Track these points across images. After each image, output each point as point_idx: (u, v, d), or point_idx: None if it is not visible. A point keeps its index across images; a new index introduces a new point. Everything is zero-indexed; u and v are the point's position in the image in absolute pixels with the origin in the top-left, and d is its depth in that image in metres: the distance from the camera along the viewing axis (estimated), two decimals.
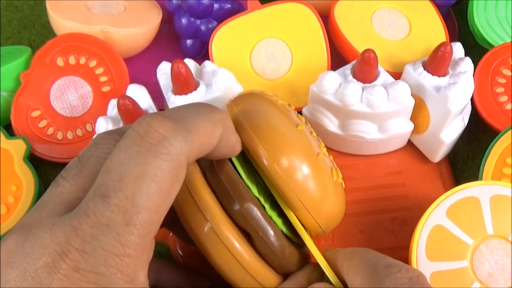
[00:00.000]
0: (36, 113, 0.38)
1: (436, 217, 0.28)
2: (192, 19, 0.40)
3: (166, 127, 0.18)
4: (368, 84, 0.32)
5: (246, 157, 0.25)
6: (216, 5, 0.39)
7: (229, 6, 0.40)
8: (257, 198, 0.24)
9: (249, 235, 0.23)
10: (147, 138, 0.18)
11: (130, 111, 0.31)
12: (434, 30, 0.38)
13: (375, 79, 0.33)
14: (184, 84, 0.32)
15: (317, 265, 0.24)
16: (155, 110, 0.33)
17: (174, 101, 0.32)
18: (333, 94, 0.33)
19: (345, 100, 0.32)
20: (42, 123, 0.38)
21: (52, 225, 0.18)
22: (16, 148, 0.36)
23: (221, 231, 0.22)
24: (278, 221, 0.24)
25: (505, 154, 0.32)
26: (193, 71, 0.33)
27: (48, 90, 0.38)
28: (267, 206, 0.24)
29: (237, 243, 0.22)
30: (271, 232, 0.23)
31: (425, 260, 0.27)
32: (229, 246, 0.22)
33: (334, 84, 0.32)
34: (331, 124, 0.34)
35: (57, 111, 0.38)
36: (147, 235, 0.18)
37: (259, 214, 0.23)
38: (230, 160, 0.24)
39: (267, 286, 0.23)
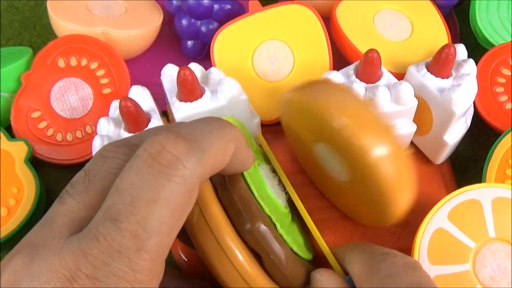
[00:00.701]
0: (36, 114, 0.38)
1: (438, 220, 0.28)
2: (193, 20, 0.40)
3: (179, 148, 0.18)
4: (371, 85, 0.32)
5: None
6: (216, 6, 0.39)
7: (229, 7, 0.40)
8: (269, 217, 0.23)
9: (259, 255, 0.23)
10: (160, 159, 0.18)
11: (132, 113, 0.31)
12: (436, 31, 0.38)
13: (378, 79, 0.33)
14: (190, 91, 0.31)
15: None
16: (157, 113, 0.33)
17: (179, 107, 0.32)
18: None
19: None
20: (42, 124, 0.38)
21: (60, 248, 0.17)
22: (17, 150, 0.36)
23: (230, 250, 0.22)
24: (288, 239, 0.24)
25: (507, 155, 0.32)
26: (198, 75, 0.33)
27: (48, 91, 0.38)
28: (278, 225, 0.23)
29: (246, 263, 0.22)
30: (283, 256, 0.22)
31: (427, 263, 0.27)
32: (237, 266, 0.22)
33: None
34: None
35: (57, 112, 0.38)
36: (158, 259, 0.17)
37: (271, 235, 0.22)
38: (242, 173, 0.24)
39: None
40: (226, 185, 0.23)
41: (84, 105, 0.38)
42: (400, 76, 0.35)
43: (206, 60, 0.41)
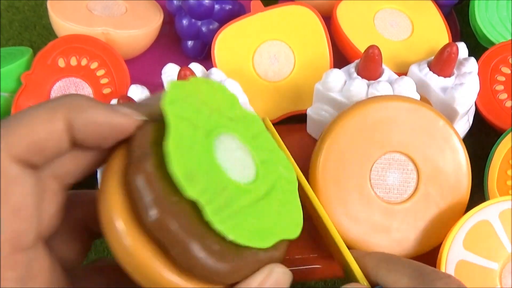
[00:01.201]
0: None
1: (456, 253, 0.28)
2: (193, 20, 0.40)
3: None
4: (373, 81, 0.32)
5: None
6: (217, 6, 0.39)
7: (230, 7, 0.40)
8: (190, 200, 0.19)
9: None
10: None
11: None
12: (437, 30, 0.38)
13: (379, 76, 0.33)
14: None
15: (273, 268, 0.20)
16: None
17: None
18: (339, 91, 0.32)
19: (351, 96, 0.32)
20: None
21: None
22: None
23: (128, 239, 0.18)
24: (222, 226, 0.19)
25: (508, 156, 0.32)
26: (199, 76, 0.33)
27: (48, 91, 0.38)
28: (208, 209, 0.19)
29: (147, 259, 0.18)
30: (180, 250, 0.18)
31: None
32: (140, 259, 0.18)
33: (339, 81, 0.32)
34: None
35: None
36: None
37: (169, 228, 0.18)
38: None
39: None
40: (131, 163, 0.19)
41: None
42: (401, 75, 0.35)
43: (206, 60, 0.41)
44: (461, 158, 0.30)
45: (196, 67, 0.34)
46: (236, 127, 0.22)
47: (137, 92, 0.34)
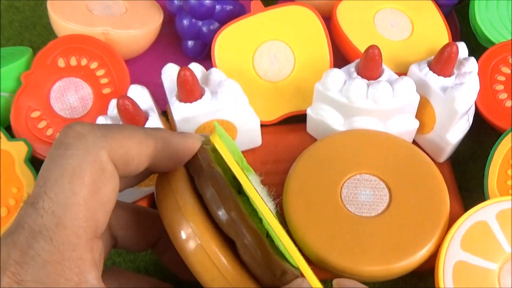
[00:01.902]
0: (36, 114, 0.37)
1: (453, 253, 0.28)
2: (194, 20, 0.40)
3: (85, 126, 0.19)
4: (373, 81, 0.32)
5: None
6: (218, 7, 0.39)
7: (230, 7, 0.40)
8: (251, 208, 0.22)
9: (234, 243, 0.21)
10: (65, 139, 0.19)
11: (129, 112, 0.31)
12: (437, 30, 0.38)
13: (379, 76, 0.33)
14: (189, 92, 0.31)
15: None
16: (156, 112, 0.33)
17: (179, 107, 0.32)
18: (338, 91, 0.32)
19: (350, 96, 0.32)
20: (42, 124, 0.37)
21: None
22: (17, 150, 0.35)
23: (203, 237, 0.21)
24: (268, 228, 0.22)
25: (508, 156, 0.32)
26: (199, 76, 0.33)
27: (48, 91, 0.38)
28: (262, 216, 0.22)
29: (219, 252, 0.21)
30: (252, 240, 0.21)
31: None
32: (210, 254, 0.21)
33: (339, 81, 0.32)
34: (336, 122, 0.34)
35: (57, 112, 0.38)
36: (83, 232, 0.18)
37: (243, 221, 0.21)
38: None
39: None
40: (203, 172, 0.22)
41: (83, 105, 0.38)
42: (401, 75, 0.35)
43: (206, 60, 0.41)
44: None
45: (196, 67, 0.34)
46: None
47: (137, 92, 0.34)
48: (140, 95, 0.34)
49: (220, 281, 0.21)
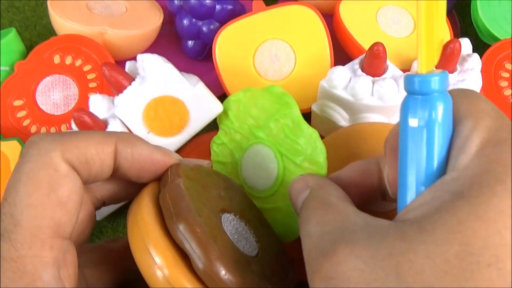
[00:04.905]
0: (18, 103, 0.38)
1: None
2: (194, 20, 0.39)
3: (39, 135, 0.20)
4: (377, 78, 0.32)
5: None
6: (218, 6, 0.39)
7: (231, 7, 0.39)
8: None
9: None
10: (24, 150, 0.20)
11: (86, 123, 0.31)
12: None
13: (384, 72, 0.33)
14: (115, 87, 0.32)
15: None
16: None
17: (117, 103, 0.32)
18: (343, 88, 0.32)
19: (356, 94, 0.32)
20: (21, 113, 0.38)
21: None
22: (11, 149, 0.35)
23: (155, 251, 0.20)
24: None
25: None
26: (105, 103, 0.33)
27: (37, 83, 0.38)
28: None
29: (185, 281, 0.20)
30: (202, 258, 0.20)
31: None
32: (159, 265, 0.20)
33: (344, 78, 0.32)
34: (342, 119, 0.34)
35: (39, 106, 0.38)
36: (40, 231, 0.19)
37: (194, 233, 0.20)
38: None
39: None
40: (166, 185, 0.21)
41: (66, 103, 0.38)
42: (404, 72, 0.34)
43: (206, 60, 0.41)
44: None
45: (97, 100, 0.33)
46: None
47: (97, 101, 0.33)
48: (100, 104, 0.33)
49: None
